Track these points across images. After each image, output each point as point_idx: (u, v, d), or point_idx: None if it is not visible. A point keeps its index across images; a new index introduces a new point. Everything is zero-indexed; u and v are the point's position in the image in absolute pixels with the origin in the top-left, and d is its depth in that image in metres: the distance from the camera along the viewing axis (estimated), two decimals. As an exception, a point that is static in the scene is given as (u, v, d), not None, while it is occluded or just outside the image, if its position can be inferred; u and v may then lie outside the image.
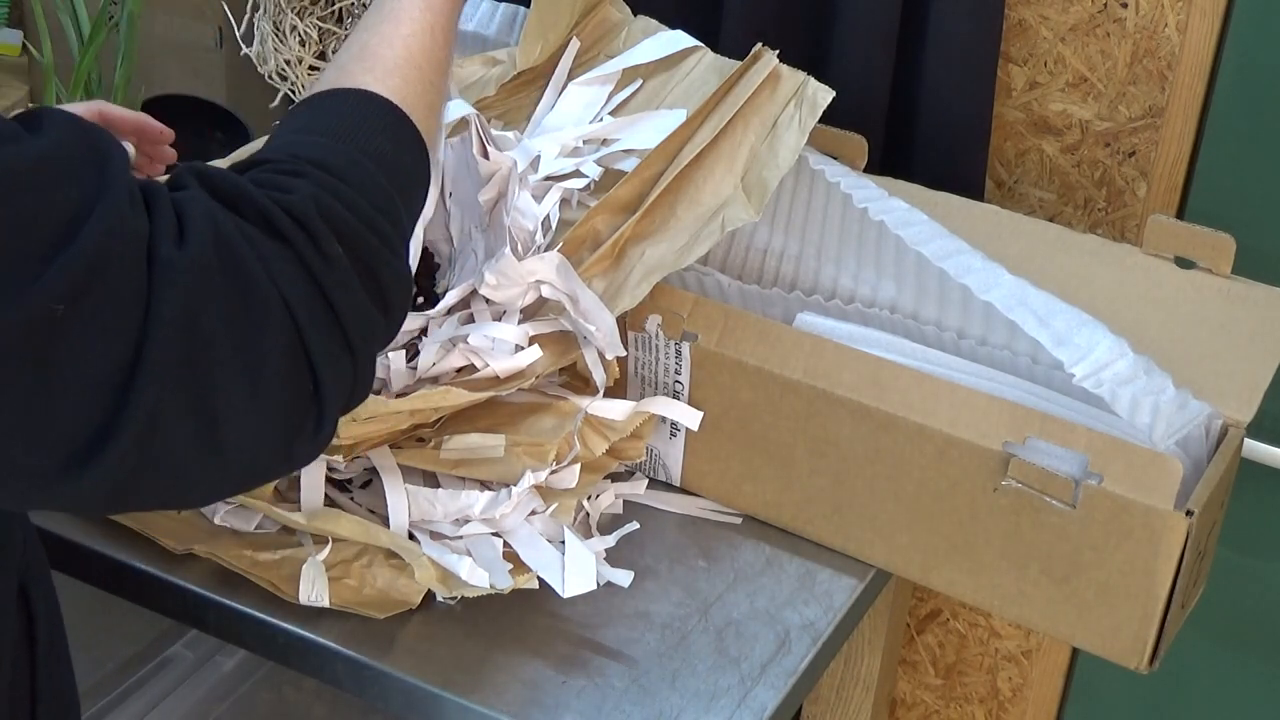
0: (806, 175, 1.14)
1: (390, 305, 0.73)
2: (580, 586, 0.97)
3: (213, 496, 0.71)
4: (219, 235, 0.66)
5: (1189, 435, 0.99)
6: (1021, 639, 1.50)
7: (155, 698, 1.42)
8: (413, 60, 0.80)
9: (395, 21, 0.81)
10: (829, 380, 1.02)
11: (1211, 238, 1.08)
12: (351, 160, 0.73)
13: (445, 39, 0.83)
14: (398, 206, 0.74)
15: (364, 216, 0.71)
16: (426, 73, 0.81)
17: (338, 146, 0.73)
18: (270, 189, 0.69)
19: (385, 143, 0.75)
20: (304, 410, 0.69)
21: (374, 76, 0.77)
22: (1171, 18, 1.21)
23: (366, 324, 0.71)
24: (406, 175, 0.77)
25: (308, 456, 0.72)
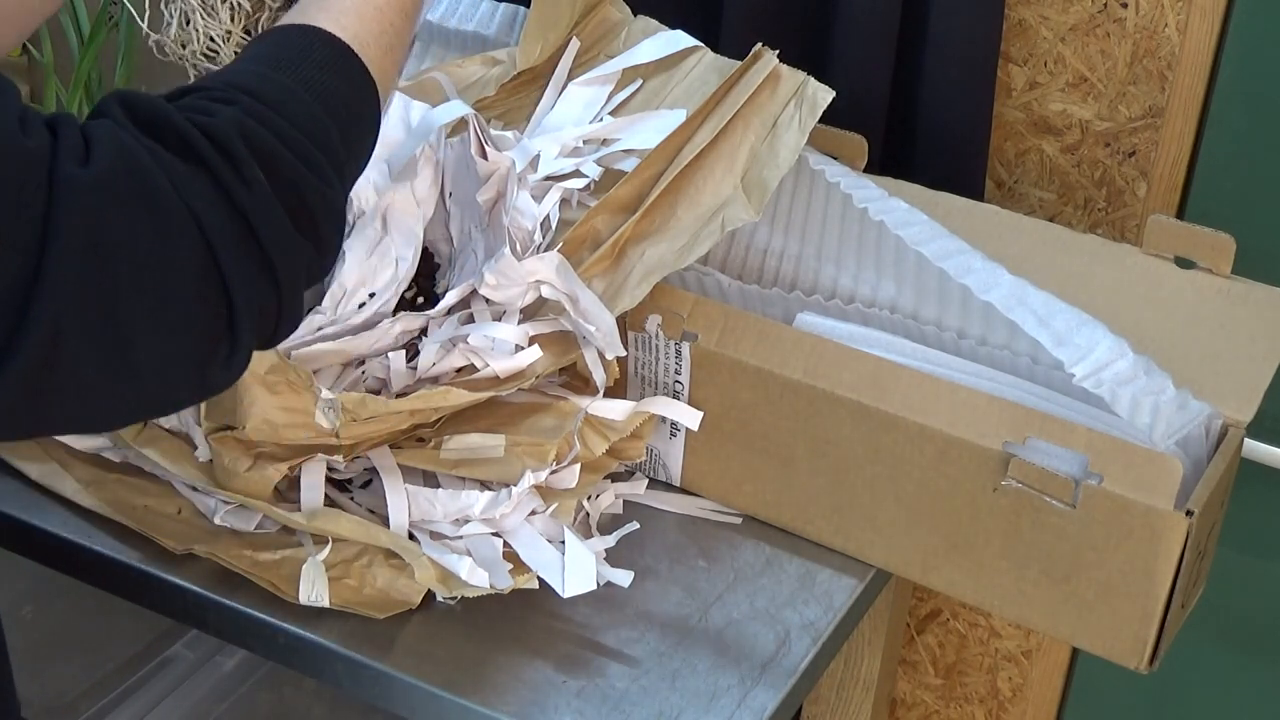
0: (806, 175, 1.14)
1: (319, 232, 0.72)
2: (580, 586, 0.97)
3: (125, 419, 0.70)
4: (125, 155, 0.66)
5: (1189, 435, 0.99)
6: (1021, 639, 1.50)
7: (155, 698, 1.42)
8: (370, 3, 0.79)
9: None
10: (829, 380, 1.02)
11: (1211, 238, 1.08)
12: (285, 89, 0.72)
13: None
14: (333, 137, 0.74)
15: (291, 143, 0.70)
16: (386, 13, 0.80)
17: (274, 76, 0.73)
18: (195, 113, 0.69)
19: (327, 76, 0.75)
20: (218, 333, 0.68)
21: (328, 15, 0.77)
22: (1171, 18, 1.21)
23: (290, 249, 0.70)
24: (348, 110, 0.76)
25: (222, 383, 0.71)
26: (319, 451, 0.99)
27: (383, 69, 0.79)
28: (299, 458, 0.99)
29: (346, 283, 1.01)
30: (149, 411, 0.70)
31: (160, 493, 1.05)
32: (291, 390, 0.95)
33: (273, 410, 0.95)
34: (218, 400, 0.97)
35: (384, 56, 0.79)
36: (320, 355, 1.01)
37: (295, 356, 0.99)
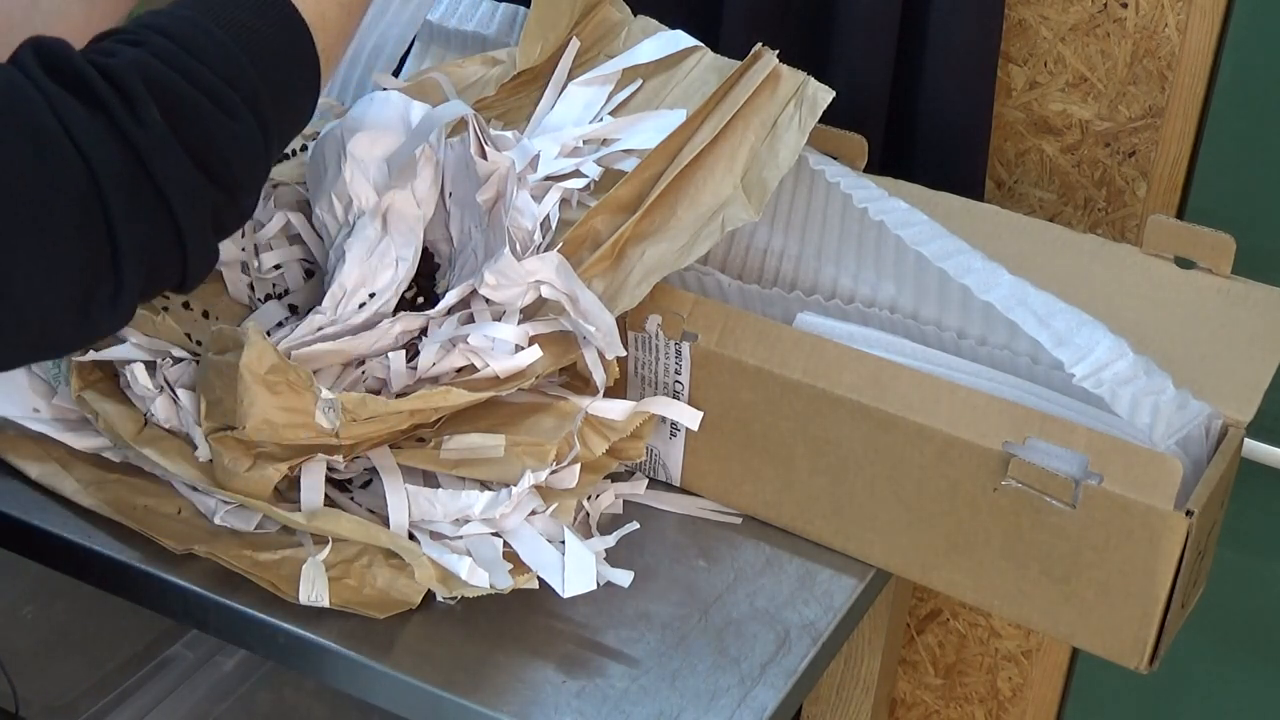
0: (806, 175, 1.14)
1: (231, 172, 0.71)
2: (580, 586, 0.97)
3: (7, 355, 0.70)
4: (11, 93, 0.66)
5: (1189, 435, 0.99)
6: (1021, 639, 1.50)
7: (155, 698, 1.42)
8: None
9: None
10: (829, 380, 1.02)
11: (1211, 238, 1.08)
12: (200, 28, 0.71)
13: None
14: (251, 78, 0.72)
15: (199, 82, 0.70)
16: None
17: (190, 16, 0.72)
18: (99, 55, 0.69)
19: (250, 17, 0.74)
20: (101, 270, 0.68)
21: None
22: (1171, 18, 1.21)
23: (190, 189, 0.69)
24: (274, 52, 0.75)
25: (107, 326, 0.70)
26: (319, 451, 0.99)
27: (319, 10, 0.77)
28: (299, 458, 0.99)
29: (346, 283, 1.01)
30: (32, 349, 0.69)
31: (160, 493, 1.05)
32: (291, 390, 0.95)
33: (273, 410, 0.95)
34: (218, 400, 0.97)
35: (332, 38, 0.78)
36: (320, 355, 1.01)
37: (295, 356, 0.99)
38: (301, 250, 1.14)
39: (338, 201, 1.05)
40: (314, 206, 1.08)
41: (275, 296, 1.13)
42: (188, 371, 1.03)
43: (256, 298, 1.13)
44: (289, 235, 1.14)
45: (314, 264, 1.14)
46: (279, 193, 1.14)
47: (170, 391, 1.02)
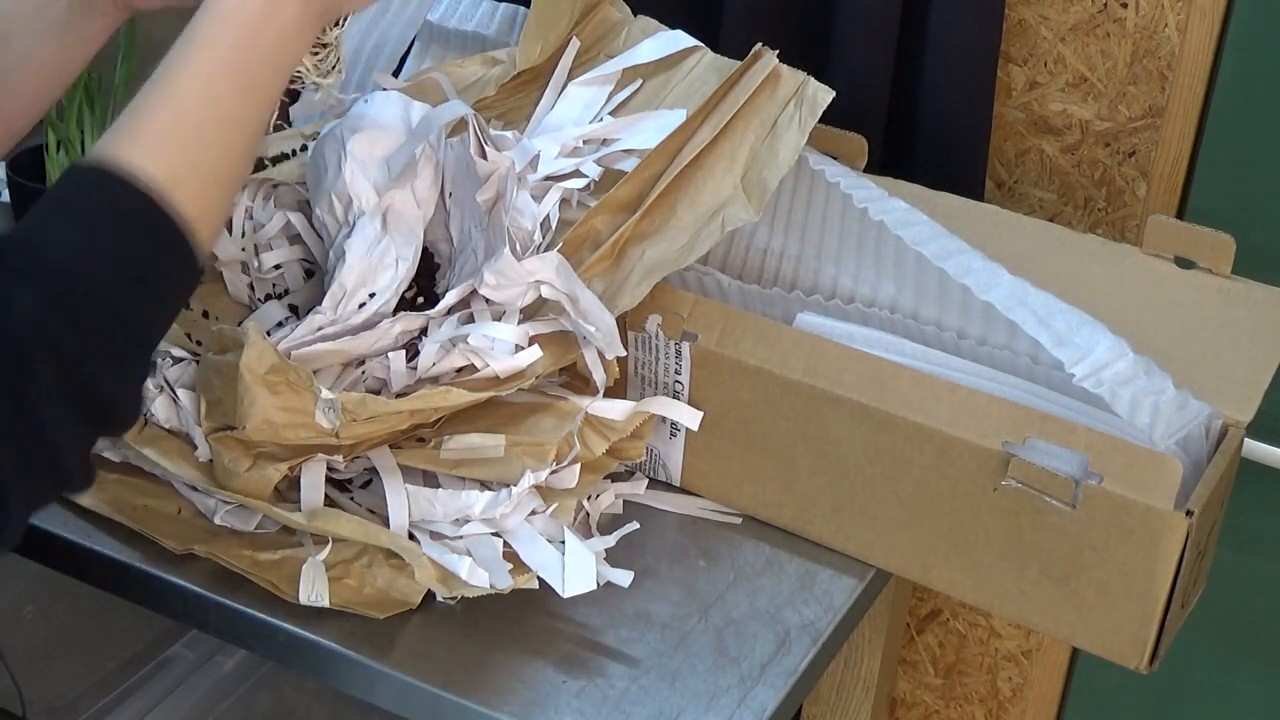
0: (806, 175, 1.14)
1: (113, 414, 0.74)
2: (580, 586, 0.97)
3: None
4: None
5: (1189, 435, 0.99)
6: (1021, 639, 1.50)
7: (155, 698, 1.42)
8: (187, 124, 0.78)
9: (170, 78, 0.79)
10: (829, 380, 1.02)
11: (1211, 238, 1.08)
12: (84, 264, 0.72)
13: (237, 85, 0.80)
14: (132, 312, 0.74)
15: (87, 328, 0.71)
16: (207, 132, 0.79)
17: (72, 247, 0.72)
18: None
19: (130, 240, 0.74)
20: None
21: (138, 150, 0.76)
22: (1171, 18, 1.21)
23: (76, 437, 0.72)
24: (153, 272, 0.76)
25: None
26: (319, 451, 0.99)
27: (206, 204, 0.78)
28: (299, 458, 0.99)
29: (346, 283, 1.01)
30: None
31: (160, 493, 1.05)
32: (291, 390, 0.95)
33: (273, 410, 0.95)
34: (218, 400, 0.97)
35: (208, 187, 0.78)
36: (320, 355, 1.01)
37: (295, 356, 0.99)
38: (301, 250, 1.14)
39: (338, 201, 1.05)
40: (314, 206, 1.08)
41: (275, 296, 1.13)
42: (188, 371, 1.03)
43: (256, 298, 1.13)
44: (289, 235, 1.14)
45: (314, 264, 1.14)
46: (279, 193, 1.14)
47: (170, 391, 1.02)
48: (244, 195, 1.13)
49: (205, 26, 0.81)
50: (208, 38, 0.80)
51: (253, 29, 0.81)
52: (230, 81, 0.80)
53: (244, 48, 0.81)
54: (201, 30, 0.80)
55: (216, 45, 0.80)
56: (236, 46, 0.80)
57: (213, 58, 0.80)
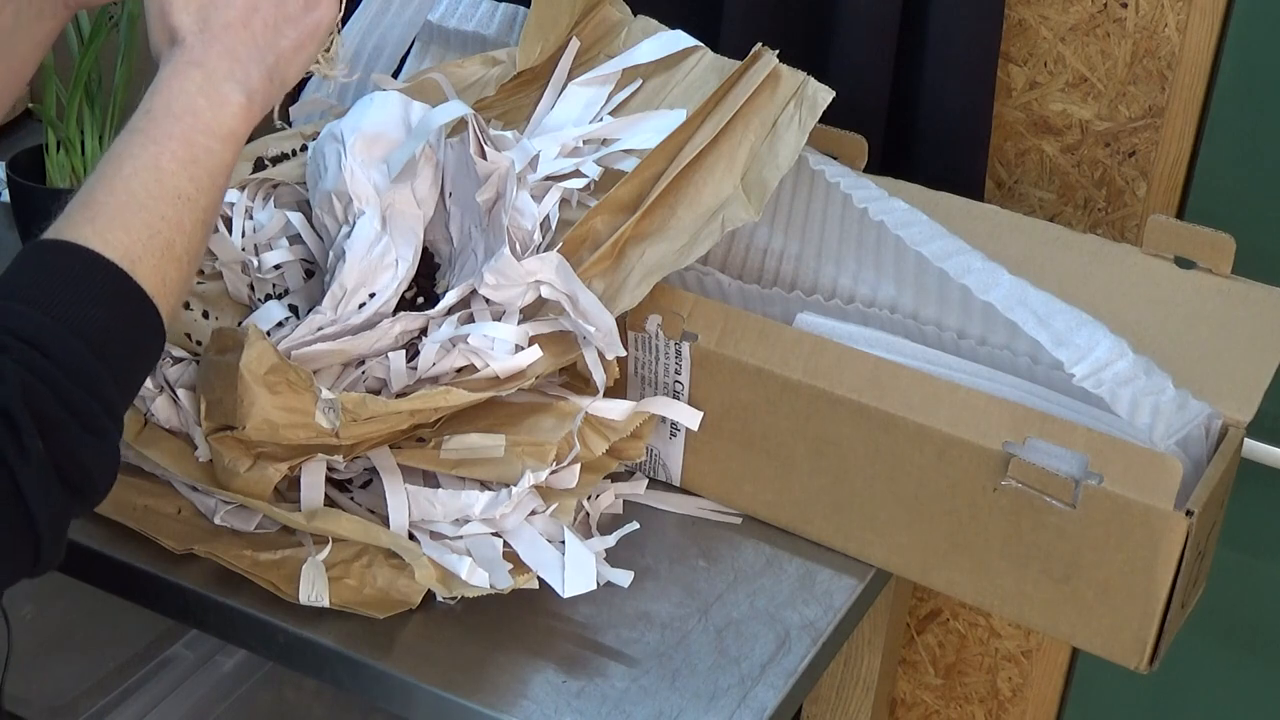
0: (806, 175, 1.14)
1: (89, 484, 0.75)
2: (580, 586, 0.97)
3: None
4: None
5: (1189, 435, 0.99)
6: (1021, 639, 1.50)
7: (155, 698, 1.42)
8: (136, 203, 0.79)
9: (116, 162, 0.80)
10: (829, 380, 1.02)
11: (1211, 238, 1.08)
12: (60, 338, 0.73)
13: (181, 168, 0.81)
14: (108, 385, 0.75)
15: (70, 404, 0.73)
16: (159, 210, 0.80)
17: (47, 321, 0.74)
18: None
19: (100, 312, 0.75)
20: None
21: (94, 228, 0.77)
22: (1171, 18, 1.21)
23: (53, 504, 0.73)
24: (123, 343, 0.77)
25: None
26: (319, 451, 0.99)
27: (162, 277, 0.79)
28: (299, 458, 0.99)
29: (346, 283, 1.01)
30: None
31: (160, 493, 1.05)
32: (291, 390, 0.95)
33: (273, 410, 0.95)
34: (218, 400, 0.97)
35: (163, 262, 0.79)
36: (320, 355, 1.01)
37: (295, 356, 0.99)
38: (301, 250, 1.14)
39: (338, 201, 1.05)
40: (314, 206, 1.08)
41: (275, 296, 1.13)
42: (188, 371, 1.03)
43: (256, 298, 1.13)
44: (289, 235, 1.14)
45: (314, 264, 1.14)
46: (279, 193, 1.14)
47: (170, 391, 1.02)
48: (244, 195, 1.13)
49: (145, 121, 0.82)
50: (148, 130, 0.82)
51: (194, 115, 0.83)
52: (178, 165, 0.81)
53: (186, 133, 0.82)
54: (145, 123, 0.82)
55: (158, 135, 0.82)
56: (177, 133, 0.82)
57: (155, 146, 0.81)
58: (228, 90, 0.84)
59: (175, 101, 0.83)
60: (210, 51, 0.84)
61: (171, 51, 0.85)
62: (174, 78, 0.83)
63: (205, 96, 0.83)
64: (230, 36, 0.85)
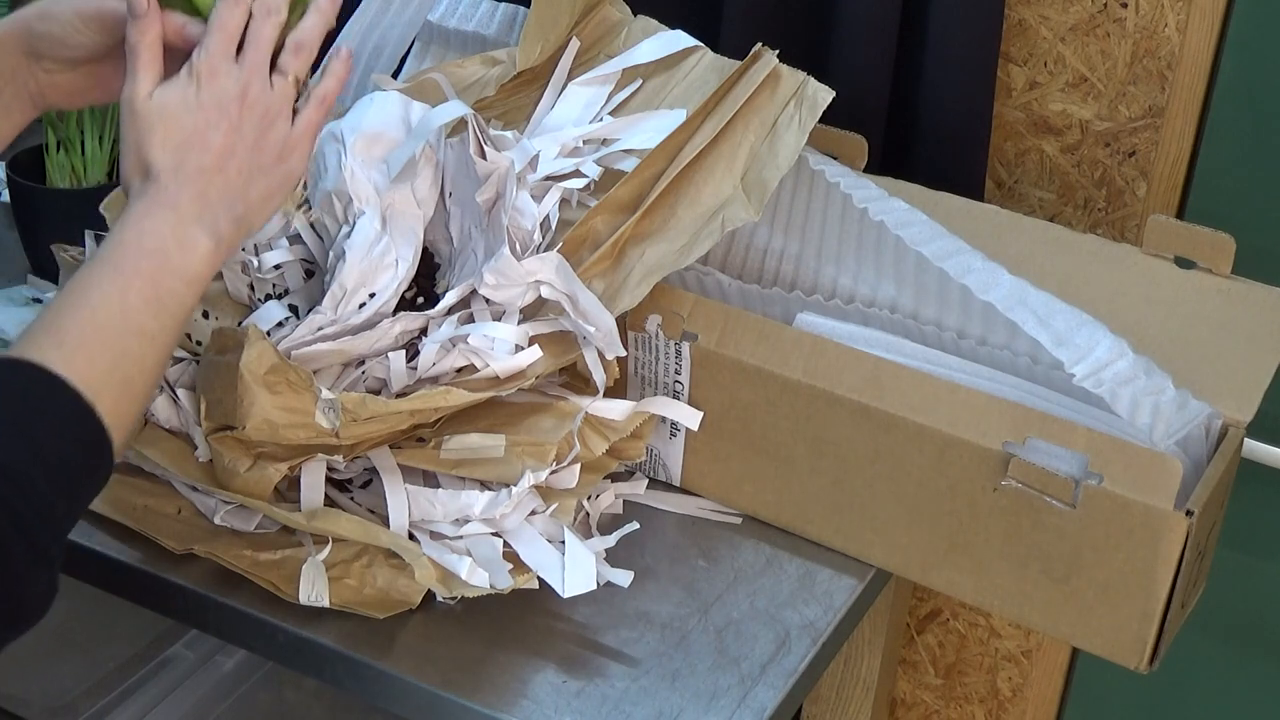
0: (806, 175, 1.14)
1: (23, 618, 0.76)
2: (580, 586, 0.97)
3: None
4: None
5: (1189, 435, 0.99)
6: (1021, 639, 1.50)
7: (155, 698, 1.42)
8: (101, 335, 0.80)
9: (84, 289, 0.81)
10: (829, 380, 1.02)
11: (1211, 238, 1.08)
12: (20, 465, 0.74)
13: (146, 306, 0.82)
14: (60, 514, 0.76)
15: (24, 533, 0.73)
16: (123, 345, 0.81)
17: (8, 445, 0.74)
18: None
19: (60, 442, 0.76)
20: None
21: (61, 354, 0.78)
22: (1171, 18, 1.21)
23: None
24: (78, 473, 0.78)
25: None
26: (319, 451, 0.99)
27: (119, 408, 0.80)
28: (299, 458, 0.99)
29: (346, 283, 1.01)
30: None
31: (160, 493, 1.05)
32: (291, 390, 0.95)
33: (273, 410, 0.95)
34: (218, 400, 0.97)
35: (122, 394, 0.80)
36: (320, 355, 1.01)
37: (295, 356, 0.99)
38: (301, 250, 1.14)
39: (338, 201, 1.05)
40: (314, 206, 1.08)
41: (275, 296, 1.13)
42: (188, 371, 1.03)
43: (256, 298, 1.13)
44: (289, 235, 1.14)
45: (314, 264, 1.14)
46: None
47: (170, 391, 1.02)
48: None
49: (115, 252, 0.83)
50: (118, 262, 0.83)
51: (163, 256, 0.84)
52: (143, 301, 0.82)
53: (154, 271, 0.83)
54: (116, 255, 0.83)
55: (126, 269, 0.82)
56: (145, 270, 0.83)
57: (123, 280, 0.82)
58: (196, 234, 0.85)
59: (146, 238, 0.84)
60: (183, 194, 0.85)
61: (144, 186, 0.86)
62: (146, 216, 0.84)
63: (175, 239, 0.84)
64: (204, 181, 0.86)
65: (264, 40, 0.89)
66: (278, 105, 0.89)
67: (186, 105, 0.86)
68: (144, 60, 0.87)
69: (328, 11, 0.92)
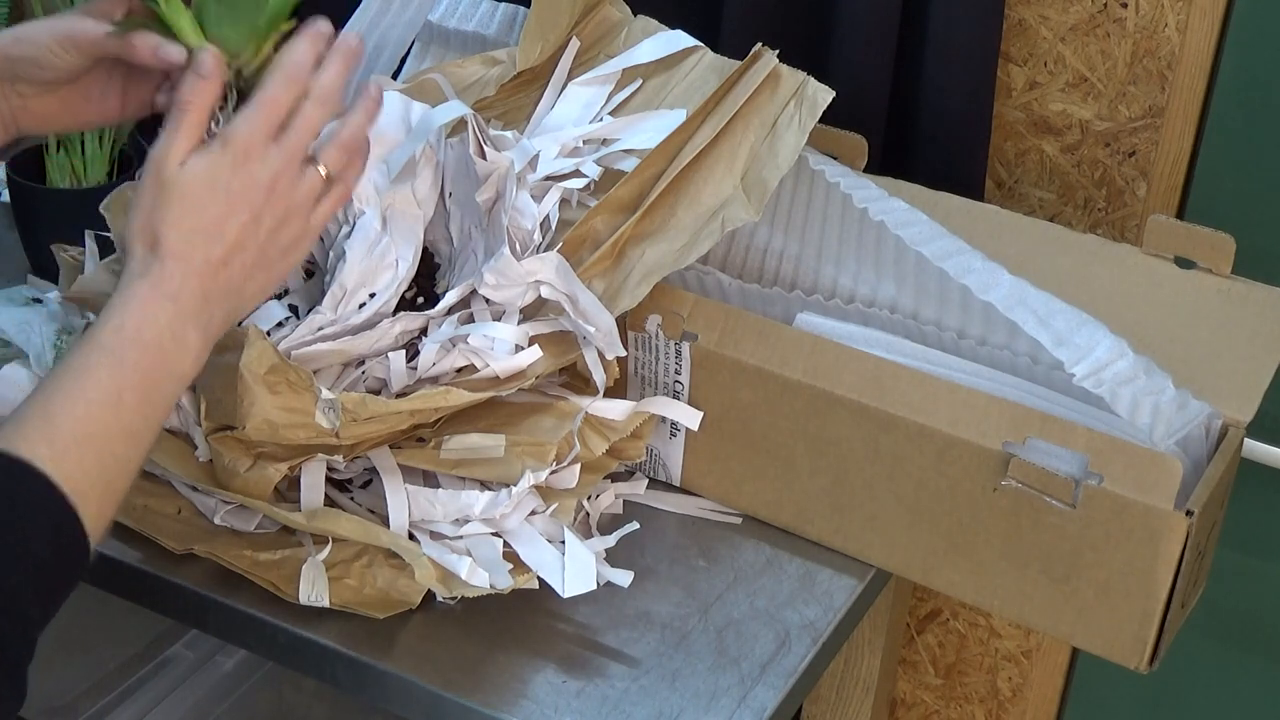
0: (806, 175, 1.14)
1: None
2: (580, 586, 0.97)
3: None
4: None
5: (1189, 435, 0.99)
6: (1021, 639, 1.50)
7: (155, 698, 1.42)
8: (92, 437, 0.79)
9: (81, 377, 0.80)
10: (829, 380, 1.02)
11: (1211, 238, 1.08)
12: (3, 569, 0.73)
13: (139, 404, 0.81)
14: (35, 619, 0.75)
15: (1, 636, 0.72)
16: (112, 448, 0.80)
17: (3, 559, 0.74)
18: None
19: (44, 548, 0.76)
20: None
21: (52, 452, 0.77)
22: (1171, 18, 1.21)
23: None
24: (56, 579, 0.77)
25: None
26: (319, 451, 0.99)
27: (101, 511, 0.79)
28: (299, 458, 0.99)
29: (346, 283, 1.01)
30: None
31: (160, 493, 1.05)
32: (291, 390, 0.95)
33: (273, 410, 0.95)
34: (218, 400, 0.97)
35: (105, 497, 0.79)
36: (320, 355, 1.01)
37: (295, 356, 0.99)
38: (301, 250, 1.14)
39: (338, 201, 1.05)
40: (314, 206, 1.08)
41: (275, 296, 1.13)
42: (188, 371, 1.03)
43: (256, 298, 1.13)
44: (289, 235, 1.14)
45: (314, 264, 1.14)
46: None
47: (170, 391, 1.02)
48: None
49: (113, 339, 0.81)
50: (116, 352, 0.81)
51: (159, 352, 0.82)
52: (136, 401, 0.81)
53: (149, 368, 0.82)
54: (110, 341, 0.81)
55: (124, 362, 0.81)
56: (142, 366, 0.82)
57: (119, 374, 0.80)
58: (190, 332, 0.84)
59: (145, 330, 0.82)
60: (186, 287, 0.83)
61: (148, 262, 0.83)
62: (147, 302, 0.82)
63: (171, 334, 0.83)
64: (209, 276, 0.84)
65: (310, 128, 0.87)
66: (301, 200, 0.87)
67: (213, 186, 0.84)
68: (189, 122, 0.85)
69: (373, 110, 0.90)
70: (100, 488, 0.79)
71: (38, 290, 1.24)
